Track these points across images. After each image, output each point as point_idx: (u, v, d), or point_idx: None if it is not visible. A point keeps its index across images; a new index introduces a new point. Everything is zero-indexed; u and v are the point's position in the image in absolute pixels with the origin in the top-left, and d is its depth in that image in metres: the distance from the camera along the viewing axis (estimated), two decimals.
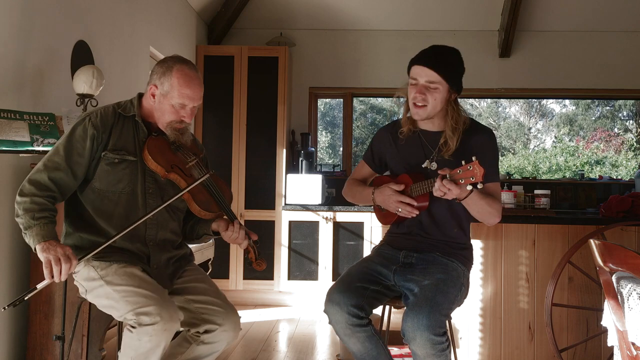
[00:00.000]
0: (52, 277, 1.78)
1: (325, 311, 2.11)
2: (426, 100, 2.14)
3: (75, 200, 2.07)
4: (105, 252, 1.97)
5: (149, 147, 2.04)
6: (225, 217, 2.14)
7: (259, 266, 2.15)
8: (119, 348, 2.10)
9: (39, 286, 1.82)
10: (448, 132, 2.18)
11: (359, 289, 2.10)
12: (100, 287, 1.95)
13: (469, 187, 1.92)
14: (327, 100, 9.26)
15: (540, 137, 13.34)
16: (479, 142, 2.19)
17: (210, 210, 2.08)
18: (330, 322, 2.11)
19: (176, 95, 2.03)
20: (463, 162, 1.92)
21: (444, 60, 2.17)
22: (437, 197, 2.05)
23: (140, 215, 2.00)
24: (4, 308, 1.81)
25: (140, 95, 2.15)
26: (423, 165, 2.22)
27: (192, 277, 2.14)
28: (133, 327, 1.83)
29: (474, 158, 1.88)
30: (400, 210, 2.19)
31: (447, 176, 1.96)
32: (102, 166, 2.02)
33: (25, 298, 1.82)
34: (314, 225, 4.85)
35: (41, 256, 1.81)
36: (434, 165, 2.19)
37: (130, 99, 2.15)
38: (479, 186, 1.90)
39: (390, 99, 11.52)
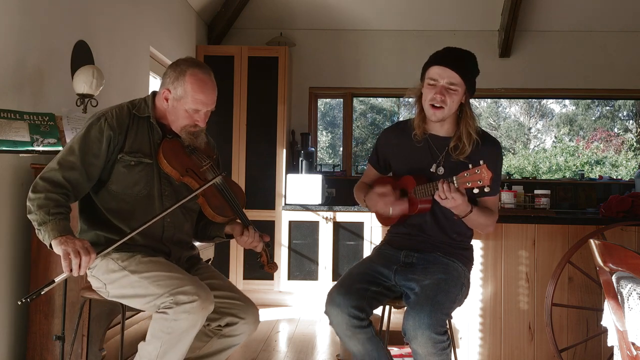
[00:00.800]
0: (71, 270, 1.75)
1: (325, 312, 2.12)
2: (445, 102, 2.13)
3: (90, 199, 2.06)
4: (126, 245, 1.95)
5: (164, 151, 2.03)
6: (239, 220, 2.14)
7: (271, 269, 2.16)
8: (122, 348, 2.10)
9: (57, 279, 1.79)
10: (464, 134, 2.17)
11: (360, 290, 2.10)
12: (124, 278, 1.94)
13: (476, 191, 1.92)
14: (327, 100, 9.26)
15: (540, 137, 13.34)
16: (488, 153, 2.19)
17: (224, 215, 2.09)
18: (330, 324, 2.12)
19: (190, 100, 2.01)
20: (470, 166, 1.92)
21: (464, 62, 2.17)
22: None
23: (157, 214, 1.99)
24: (21, 301, 1.77)
25: (154, 94, 2.13)
26: (431, 170, 2.21)
27: (206, 274, 2.14)
28: (169, 307, 1.82)
29: (481, 162, 1.89)
30: (391, 210, 2.19)
31: (454, 180, 1.96)
32: (119, 168, 2.01)
33: (43, 292, 1.78)
34: (314, 225, 4.86)
35: (58, 249, 1.77)
36: (441, 170, 2.19)
37: (144, 97, 2.14)
38: (486, 190, 1.90)
39: (391, 99, 11.53)
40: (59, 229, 1.81)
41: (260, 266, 2.17)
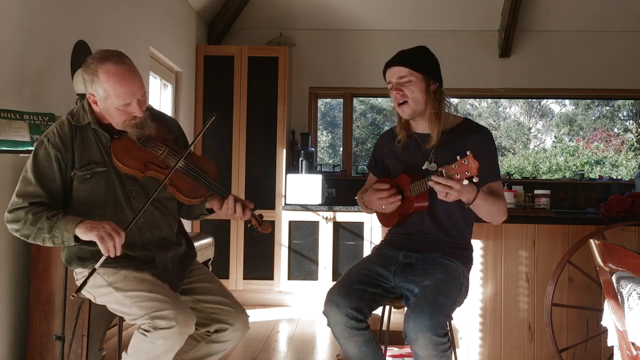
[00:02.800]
0: (108, 251, 1.78)
1: (324, 313, 2.11)
2: (405, 96, 2.18)
3: None
4: (111, 259, 1.93)
5: (116, 153, 1.95)
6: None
7: (265, 229, 2.11)
8: (119, 348, 2.11)
9: (97, 265, 1.81)
10: (429, 123, 2.19)
11: (358, 291, 2.10)
12: (109, 294, 1.93)
13: (466, 182, 1.91)
14: (327, 100, 9.26)
15: (540, 137, 13.35)
16: (475, 142, 2.18)
17: (198, 196, 2.02)
18: (328, 324, 2.11)
19: (114, 98, 1.90)
20: (458, 157, 1.92)
21: (407, 55, 2.26)
22: (437, 197, 2.04)
23: (130, 220, 1.96)
24: (73, 296, 1.80)
25: None
26: (423, 167, 2.21)
27: (199, 276, 2.12)
28: (147, 330, 1.81)
29: (468, 152, 1.88)
30: (384, 207, 2.19)
31: (443, 172, 1.95)
32: (76, 186, 1.96)
33: (88, 281, 1.82)
34: (314, 225, 4.85)
35: (89, 236, 1.79)
36: (434, 166, 2.19)
37: (82, 103, 2.04)
38: (475, 180, 1.90)
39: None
40: (71, 220, 1.82)
41: (253, 231, 2.12)
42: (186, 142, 2.23)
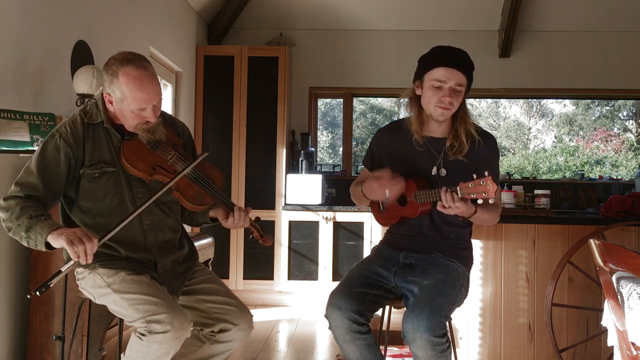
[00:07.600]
0: (78, 257, 1.70)
1: (326, 316, 2.11)
2: (452, 105, 2.12)
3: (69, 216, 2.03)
4: (111, 260, 1.95)
5: (125, 154, 1.96)
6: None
7: (266, 242, 2.11)
8: (120, 348, 2.10)
9: (64, 269, 1.74)
10: (462, 132, 2.16)
11: (360, 294, 2.09)
12: (107, 295, 1.93)
13: (480, 202, 1.90)
14: (327, 100, 9.26)
15: (540, 137, 13.34)
16: (486, 150, 2.19)
17: (203, 204, 2.03)
18: (330, 327, 2.10)
19: (131, 101, 1.91)
20: (474, 176, 1.90)
21: (468, 63, 2.16)
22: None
23: (135, 222, 1.97)
24: (30, 295, 1.72)
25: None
26: (432, 173, 2.19)
27: (202, 277, 2.13)
28: (143, 334, 1.81)
29: (486, 173, 1.87)
30: (388, 192, 2.11)
31: (458, 190, 1.94)
32: (84, 183, 1.96)
33: (51, 284, 1.71)
34: (314, 225, 4.85)
35: (60, 240, 1.71)
36: (443, 172, 2.18)
37: (95, 101, 2.04)
38: (490, 201, 1.89)
39: (391, 99, 11.54)
40: (49, 225, 1.76)
41: (254, 242, 2.13)
42: (194, 148, 2.25)
